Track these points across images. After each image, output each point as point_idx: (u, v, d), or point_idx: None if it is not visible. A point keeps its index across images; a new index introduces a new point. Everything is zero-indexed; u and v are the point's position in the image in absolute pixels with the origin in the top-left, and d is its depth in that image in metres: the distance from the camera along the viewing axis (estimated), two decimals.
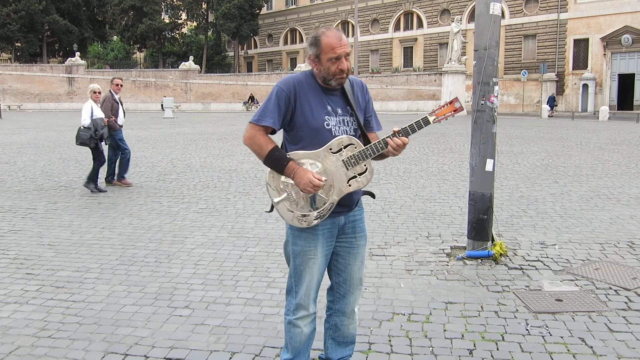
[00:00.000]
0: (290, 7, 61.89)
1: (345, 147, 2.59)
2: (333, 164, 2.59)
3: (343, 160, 2.59)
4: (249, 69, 65.05)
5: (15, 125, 25.71)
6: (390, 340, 3.52)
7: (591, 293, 4.32)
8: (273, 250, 5.52)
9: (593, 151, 14.13)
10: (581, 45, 41.92)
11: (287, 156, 2.60)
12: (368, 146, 2.59)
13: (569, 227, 6.38)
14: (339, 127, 2.64)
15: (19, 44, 55.77)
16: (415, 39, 51.93)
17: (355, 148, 2.60)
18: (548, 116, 33.49)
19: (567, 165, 11.54)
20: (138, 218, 6.93)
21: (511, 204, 7.64)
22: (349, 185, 2.61)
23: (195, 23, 61.23)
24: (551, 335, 3.59)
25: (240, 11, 54.83)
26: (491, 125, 5.17)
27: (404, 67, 51.83)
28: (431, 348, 3.42)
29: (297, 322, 2.76)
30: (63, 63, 52.99)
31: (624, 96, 39.95)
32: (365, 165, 2.61)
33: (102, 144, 8.92)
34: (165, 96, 42.22)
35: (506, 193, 8.44)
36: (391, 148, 2.58)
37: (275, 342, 3.46)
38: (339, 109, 2.66)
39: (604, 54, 40.54)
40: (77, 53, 52.21)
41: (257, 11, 58.61)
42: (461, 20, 41.21)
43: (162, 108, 37.03)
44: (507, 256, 5.24)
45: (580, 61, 42.10)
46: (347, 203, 2.71)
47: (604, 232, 6.17)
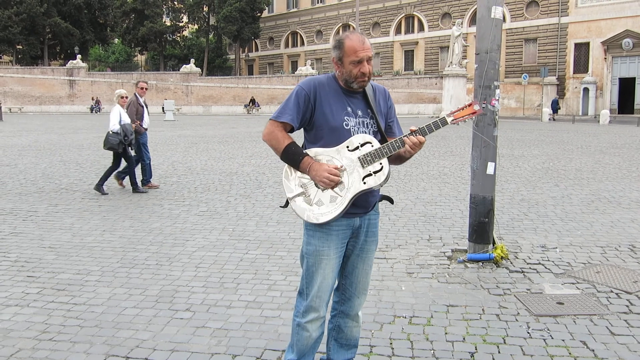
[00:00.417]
0: (291, 10, 62.02)
1: (362, 145, 2.61)
2: (349, 161, 2.60)
3: (359, 157, 2.60)
4: (250, 72, 65.14)
5: (16, 127, 25.75)
6: (391, 343, 3.52)
7: (592, 296, 4.31)
8: (274, 253, 5.51)
9: (594, 155, 14.13)
10: (582, 49, 41.98)
11: (304, 152, 2.63)
12: (385, 145, 2.60)
13: (570, 231, 6.38)
14: (358, 128, 2.66)
15: (20, 47, 55.93)
16: (416, 43, 52.01)
17: (372, 146, 2.61)
18: (549, 120, 33.50)
19: (568, 168, 11.53)
20: (139, 221, 6.94)
21: (512, 207, 7.64)
22: (364, 182, 2.61)
23: (196, 26, 61.36)
24: (552, 338, 3.58)
25: (241, 14, 54.96)
26: (492, 128, 5.17)
27: (405, 71, 51.91)
28: (432, 351, 3.41)
29: (307, 326, 2.76)
30: (64, 66, 53.14)
31: (625, 100, 40.00)
32: (381, 163, 2.61)
33: (130, 149, 8.96)
34: (166, 99, 42.30)
35: (507, 196, 8.44)
36: (408, 146, 2.58)
37: (276, 345, 3.46)
38: (359, 111, 2.69)
39: (605, 58, 40.58)
40: (78, 56, 52.36)
41: (259, 14, 58.73)
42: (462, 23, 41.28)
43: (163, 111, 37.07)
44: (508, 259, 5.24)
45: (581, 65, 42.14)
46: (363, 204, 2.70)
47: (605, 236, 6.16)
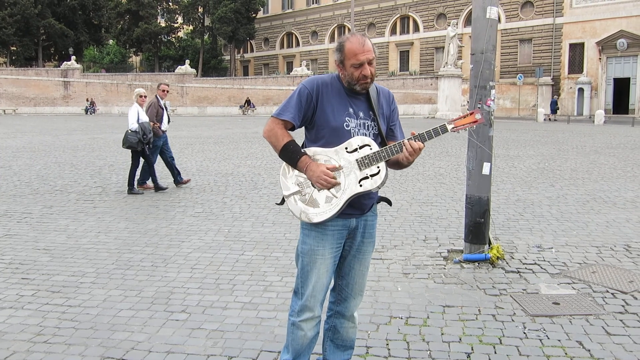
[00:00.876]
0: (286, 11, 62.02)
1: (360, 148, 2.61)
2: (347, 163, 2.60)
3: (357, 159, 2.60)
4: (245, 73, 65.08)
5: (10, 129, 25.64)
6: (387, 343, 3.51)
7: (588, 296, 4.32)
8: (270, 254, 5.50)
9: (589, 155, 14.17)
10: (577, 49, 42.15)
11: (302, 151, 2.63)
12: (383, 148, 2.60)
13: (566, 231, 6.39)
14: (359, 130, 2.66)
15: (15, 48, 55.70)
16: (411, 43, 52.10)
17: (370, 149, 2.60)
18: (544, 120, 33.58)
19: (563, 168, 11.57)
20: (134, 222, 6.91)
21: (508, 208, 7.65)
22: (361, 185, 2.61)
23: (191, 27, 61.27)
24: (549, 338, 3.58)
25: (236, 15, 54.92)
26: (488, 128, 5.18)
27: (400, 71, 52.00)
28: (429, 352, 3.41)
29: (301, 325, 2.75)
30: (58, 67, 52.97)
31: (619, 100, 40.17)
32: (378, 167, 2.61)
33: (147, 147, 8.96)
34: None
35: (503, 196, 8.45)
36: (406, 152, 2.57)
37: (272, 346, 3.45)
38: (361, 113, 2.68)
39: (600, 59, 40.76)
40: (73, 57, 52.16)
41: (254, 15, 58.69)
42: (457, 24, 41.35)
43: None
44: (504, 259, 5.25)
45: (575, 65, 42.31)
46: (359, 206, 2.70)
47: (601, 236, 6.18)
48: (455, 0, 48.15)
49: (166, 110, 9.52)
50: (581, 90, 40.96)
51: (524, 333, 3.67)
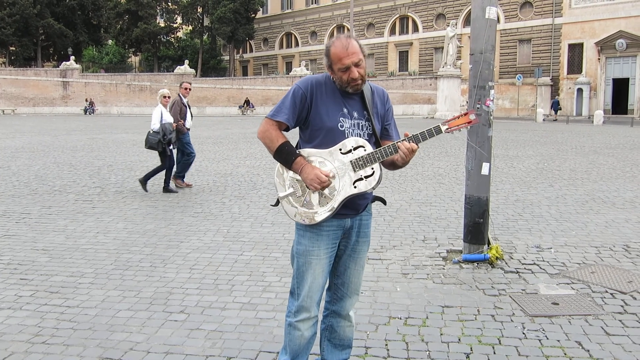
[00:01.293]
0: (285, 11, 62.00)
1: (355, 149, 2.61)
2: (341, 164, 2.60)
3: (351, 161, 2.60)
4: (245, 73, 65.05)
5: (9, 129, 25.60)
6: (386, 344, 3.51)
7: (587, 296, 4.32)
8: (269, 254, 5.50)
9: (588, 155, 14.18)
10: (576, 49, 42.15)
11: (297, 152, 2.63)
12: (377, 150, 2.60)
13: (565, 231, 6.39)
14: (353, 130, 2.66)
15: (13, 48, 55.67)
16: (410, 43, 52.09)
17: (365, 150, 2.60)
18: (543, 120, 33.59)
19: (562, 169, 11.57)
20: (133, 222, 6.90)
21: (507, 208, 7.65)
22: (355, 186, 2.61)
23: (190, 27, 61.24)
24: (548, 338, 3.58)
25: (235, 15, 54.89)
26: (487, 128, 5.18)
27: (400, 71, 51.98)
28: (428, 352, 3.41)
29: (298, 325, 2.75)
30: (57, 67, 52.89)
31: (618, 100, 40.17)
32: (373, 168, 2.61)
33: (170, 148, 9.01)
34: None
35: (502, 196, 8.45)
36: (401, 152, 2.57)
37: (271, 347, 3.45)
38: (355, 113, 2.68)
39: (599, 59, 40.76)
40: (72, 57, 52.12)
41: (253, 15, 58.66)
42: (456, 24, 41.31)
43: None
44: (503, 260, 5.24)
45: (574, 66, 42.31)
46: (354, 206, 2.70)
47: (600, 236, 6.18)
48: (454, 0, 48.15)
49: (189, 108, 9.58)
50: (580, 90, 40.97)
51: (523, 333, 3.67)
